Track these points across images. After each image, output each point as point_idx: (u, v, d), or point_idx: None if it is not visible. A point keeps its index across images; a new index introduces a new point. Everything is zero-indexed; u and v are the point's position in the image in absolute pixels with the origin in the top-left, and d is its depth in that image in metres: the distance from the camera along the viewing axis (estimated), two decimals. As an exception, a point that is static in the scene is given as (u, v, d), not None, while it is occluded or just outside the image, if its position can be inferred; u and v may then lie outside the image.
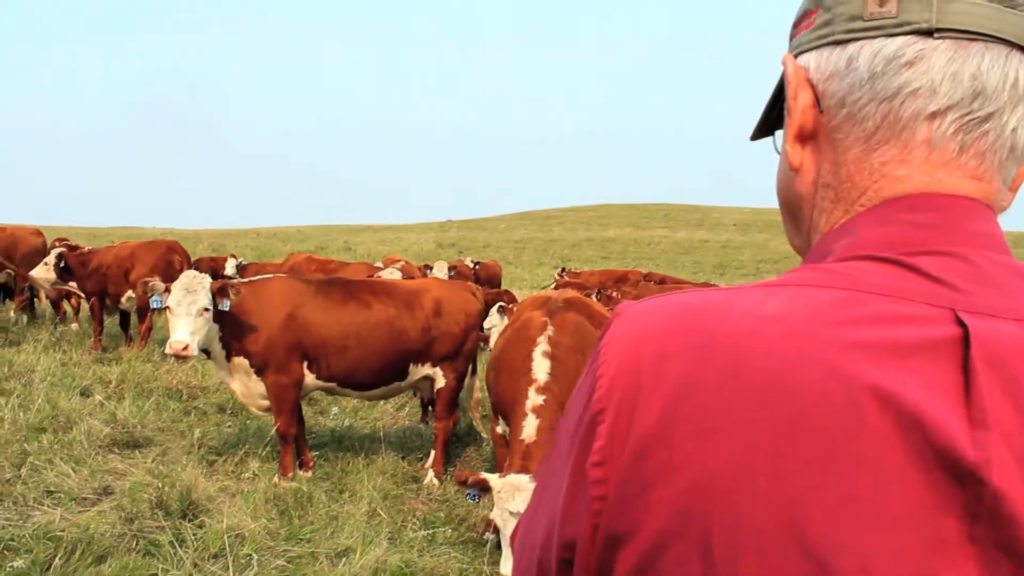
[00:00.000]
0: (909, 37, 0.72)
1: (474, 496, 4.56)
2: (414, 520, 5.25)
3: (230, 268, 11.78)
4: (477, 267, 17.77)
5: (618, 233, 48.47)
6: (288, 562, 4.38)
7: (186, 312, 5.33)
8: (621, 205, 75.78)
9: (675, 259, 36.38)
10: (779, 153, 0.92)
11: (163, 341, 9.12)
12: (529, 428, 4.67)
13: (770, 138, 0.91)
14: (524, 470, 4.49)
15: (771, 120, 0.91)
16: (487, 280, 17.15)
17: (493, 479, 4.46)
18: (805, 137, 0.81)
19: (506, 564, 4.42)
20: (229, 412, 7.31)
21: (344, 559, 4.49)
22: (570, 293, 6.77)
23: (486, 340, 8.14)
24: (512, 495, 4.36)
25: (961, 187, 0.73)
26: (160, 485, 4.97)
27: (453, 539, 4.99)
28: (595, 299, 10.78)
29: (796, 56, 0.81)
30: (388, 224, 57.46)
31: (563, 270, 18.18)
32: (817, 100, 0.79)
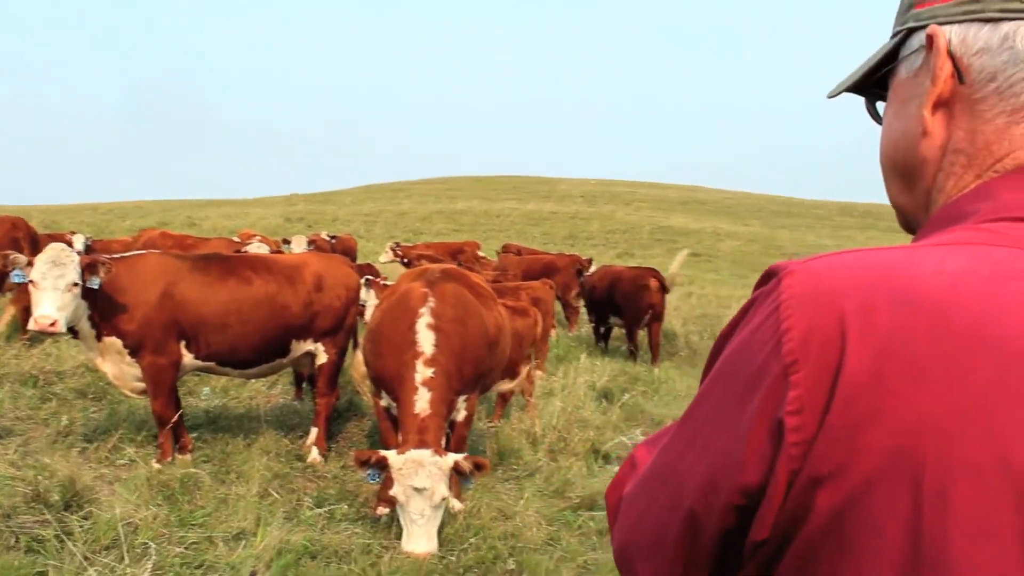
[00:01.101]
0: None
1: (374, 476, 4.53)
2: (308, 499, 5.15)
3: (79, 246, 11.05)
4: (334, 241, 17.41)
5: (468, 205, 48.52)
6: (187, 548, 4.21)
7: (53, 286, 4.95)
8: (470, 178, 75.80)
9: (525, 230, 36.80)
10: (875, 116, 0.98)
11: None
12: (422, 402, 4.65)
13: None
14: (422, 444, 4.47)
15: (869, 83, 0.96)
16: (344, 254, 16.84)
17: (392, 456, 4.43)
18: (940, 104, 0.86)
19: (409, 540, 4.41)
20: (92, 397, 6.90)
21: (243, 541, 4.36)
22: (447, 264, 6.78)
23: (361, 314, 8.05)
24: (415, 471, 4.35)
25: None
26: (36, 476, 4.65)
27: (351, 516, 4.93)
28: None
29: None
30: (232, 199, 55.30)
31: (397, 244, 17.94)
32: (958, 71, 0.84)
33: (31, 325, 5.02)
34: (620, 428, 7.16)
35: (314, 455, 6.06)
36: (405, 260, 16.03)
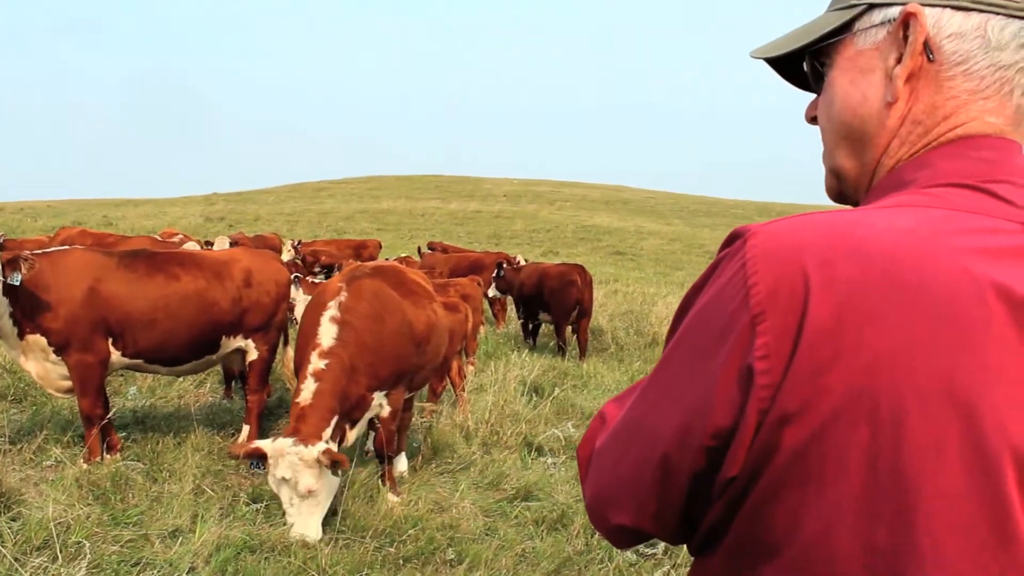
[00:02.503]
0: None
1: (255, 464, 4.54)
2: (243, 495, 5.11)
3: (-9, 244, 10.70)
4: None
5: (392, 205, 48.27)
6: (122, 547, 4.14)
7: None
8: (392, 177, 75.36)
9: (450, 229, 36.78)
10: (816, 81, 1.07)
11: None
12: (306, 392, 4.67)
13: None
14: (294, 432, 4.48)
15: (813, 51, 1.06)
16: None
17: (265, 445, 4.44)
18: (909, 78, 0.97)
19: (293, 525, 4.44)
20: (12, 398, 6.71)
21: (179, 538, 4.31)
22: (388, 263, 6.78)
23: (292, 310, 8.02)
24: (276, 463, 4.38)
25: (1018, 137, 0.96)
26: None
27: (288, 510, 4.91)
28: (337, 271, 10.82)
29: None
30: (149, 198, 53.89)
31: (298, 242, 17.64)
32: (928, 49, 0.94)
33: None
34: (551, 421, 7.26)
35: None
36: (303, 258, 15.87)
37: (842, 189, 1.11)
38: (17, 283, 5.03)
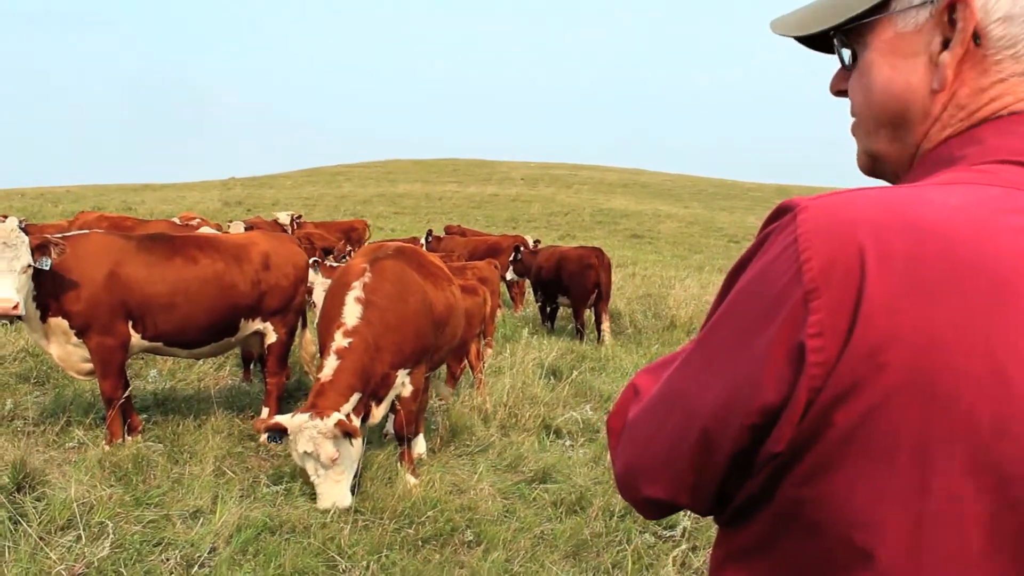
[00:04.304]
0: None
1: (276, 438, 4.65)
2: (263, 476, 5.15)
3: (13, 228, 10.77)
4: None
5: (408, 188, 48.25)
6: (144, 527, 4.19)
7: (8, 268, 4.84)
8: (409, 161, 75.31)
9: (467, 213, 36.73)
10: (846, 62, 1.04)
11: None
12: (328, 369, 4.77)
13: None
14: (311, 407, 4.60)
15: (845, 31, 1.03)
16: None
17: (286, 420, 4.56)
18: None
19: (318, 498, 4.63)
20: (35, 381, 6.78)
21: (200, 519, 4.35)
22: (403, 243, 6.79)
23: (310, 292, 8.04)
24: (297, 438, 4.52)
25: None
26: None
27: (308, 492, 4.93)
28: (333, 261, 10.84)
29: None
30: (168, 183, 54.09)
31: (299, 216, 18.08)
32: (975, 34, 0.92)
33: None
34: (569, 404, 7.27)
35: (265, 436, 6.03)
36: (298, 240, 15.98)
37: (877, 168, 1.09)
38: (47, 267, 5.08)
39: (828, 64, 1.13)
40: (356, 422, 4.69)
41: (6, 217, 12.76)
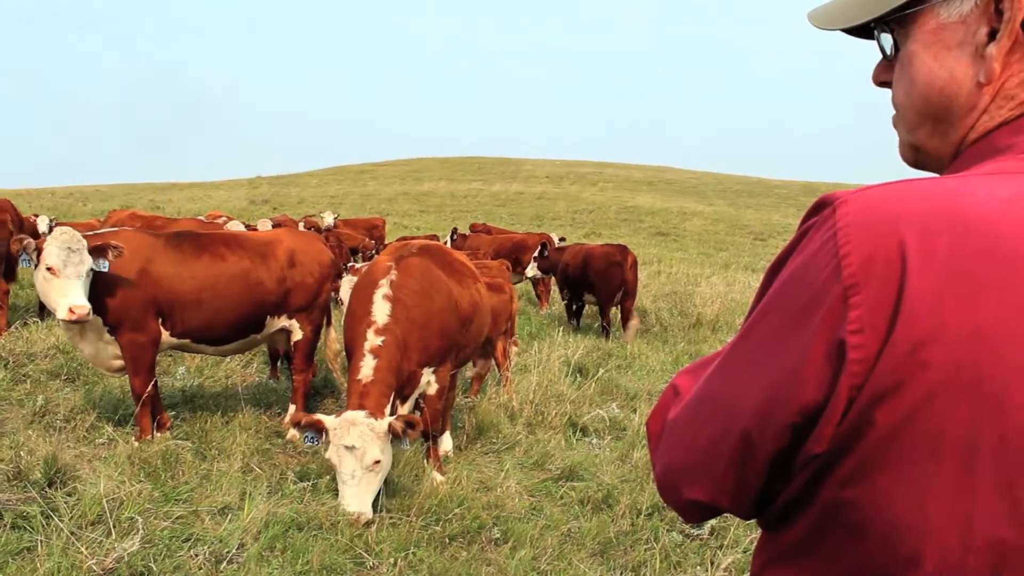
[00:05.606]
0: None
1: (311, 439, 4.60)
2: (291, 473, 5.17)
3: (43, 227, 10.91)
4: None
5: (433, 187, 48.38)
6: (173, 523, 4.21)
7: (76, 273, 4.92)
8: (434, 159, 75.48)
9: (492, 211, 36.77)
10: (887, 53, 1.01)
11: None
12: (366, 368, 4.72)
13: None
14: (360, 407, 4.55)
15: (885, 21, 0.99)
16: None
17: (327, 419, 4.52)
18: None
19: (343, 499, 4.50)
20: (65, 378, 6.84)
21: (229, 515, 4.37)
22: (428, 241, 6.79)
23: (337, 290, 8.09)
24: (347, 430, 4.45)
25: None
26: (16, 454, 4.62)
27: (336, 489, 4.94)
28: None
29: None
30: (195, 182, 54.58)
31: (337, 215, 19.22)
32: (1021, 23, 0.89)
33: (63, 315, 4.94)
34: (596, 402, 7.24)
35: (293, 431, 6.05)
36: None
37: (920, 159, 1.05)
38: (105, 269, 5.13)
39: (869, 54, 1.11)
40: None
41: (37, 216, 12.93)
